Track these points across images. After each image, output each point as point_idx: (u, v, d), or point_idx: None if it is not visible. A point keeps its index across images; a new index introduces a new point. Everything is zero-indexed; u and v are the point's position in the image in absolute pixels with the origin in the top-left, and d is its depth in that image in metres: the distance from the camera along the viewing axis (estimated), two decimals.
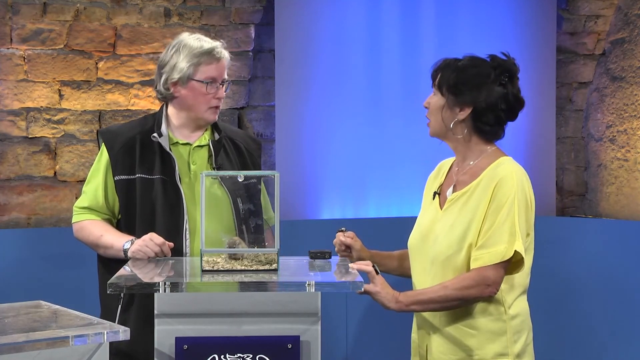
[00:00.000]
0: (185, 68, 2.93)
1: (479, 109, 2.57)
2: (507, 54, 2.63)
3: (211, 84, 2.94)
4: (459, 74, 2.58)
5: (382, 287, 2.51)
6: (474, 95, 2.56)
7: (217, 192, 2.92)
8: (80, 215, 2.98)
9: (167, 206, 2.88)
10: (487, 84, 2.56)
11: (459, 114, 2.58)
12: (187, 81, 2.94)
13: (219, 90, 2.96)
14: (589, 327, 4.45)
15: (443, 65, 2.62)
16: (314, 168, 4.52)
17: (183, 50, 2.95)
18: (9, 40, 4.16)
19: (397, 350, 3.32)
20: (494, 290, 2.49)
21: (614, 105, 4.74)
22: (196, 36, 3.01)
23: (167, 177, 2.90)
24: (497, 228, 2.48)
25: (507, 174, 2.52)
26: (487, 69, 2.58)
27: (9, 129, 4.19)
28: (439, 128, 2.63)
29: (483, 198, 2.52)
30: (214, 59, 2.95)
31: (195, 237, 2.88)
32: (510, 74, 2.59)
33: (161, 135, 2.94)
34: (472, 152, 2.62)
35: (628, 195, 4.66)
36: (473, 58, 2.62)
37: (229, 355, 2.37)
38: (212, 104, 2.96)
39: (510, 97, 2.57)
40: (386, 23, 4.60)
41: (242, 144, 3.08)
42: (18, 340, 2.05)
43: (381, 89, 4.59)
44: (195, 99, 2.95)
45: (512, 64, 2.60)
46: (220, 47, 2.98)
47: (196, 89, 2.94)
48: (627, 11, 4.72)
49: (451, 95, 2.59)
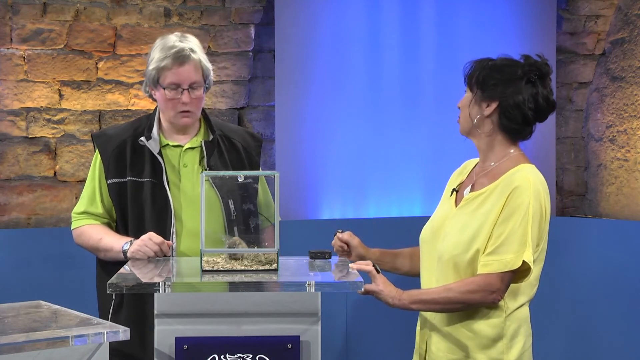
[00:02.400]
0: (153, 73, 2.90)
1: (505, 105, 2.55)
2: (542, 55, 2.61)
3: (173, 89, 2.88)
4: (489, 70, 2.57)
5: (384, 286, 2.51)
6: (500, 90, 2.55)
7: (208, 193, 2.90)
8: (79, 220, 2.98)
9: (155, 209, 2.88)
10: (514, 80, 2.55)
11: (485, 109, 2.57)
12: (156, 86, 2.92)
13: (184, 95, 2.88)
14: (588, 327, 4.45)
15: (475, 62, 2.62)
16: (314, 168, 4.52)
17: (154, 53, 2.92)
18: (9, 40, 4.16)
19: (397, 350, 3.33)
20: (497, 297, 2.49)
21: (614, 105, 4.74)
22: (173, 38, 2.93)
23: (156, 180, 2.90)
24: (508, 236, 2.47)
25: (524, 182, 2.50)
26: (516, 66, 2.57)
27: (9, 129, 4.19)
28: (466, 124, 2.62)
29: (497, 203, 2.51)
30: (176, 63, 2.86)
31: (181, 238, 2.88)
32: (541, 73, 2.57)
33: (150, 139, 2.92)
34: (495, 152, 2.60)
35: (628, 195, 4.66)
36: (505, 57, 2.62)
37: (229, 355, 2.37)
38: (179, 109, 2.90)
39: (540, 97, 2.55)
40: (386, 23, 4.59)
41: (240, 143, 3.05)
42: (18, 340, 2.05)
43: (381, 89, 4.59)
44: (164, 104, 2.93)
45: (544, 64, 2.58)
46: (187, 50, 2.88)
47: (162, 94, 2.91)
48: (627, 11, 4.72)
49: (479, 90, 2.58)
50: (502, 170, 2.57)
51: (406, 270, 2.82)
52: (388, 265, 2.79)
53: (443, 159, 2.89)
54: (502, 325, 2.54)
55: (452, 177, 2.78)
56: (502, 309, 2.54)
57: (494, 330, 2.53)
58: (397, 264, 2.82)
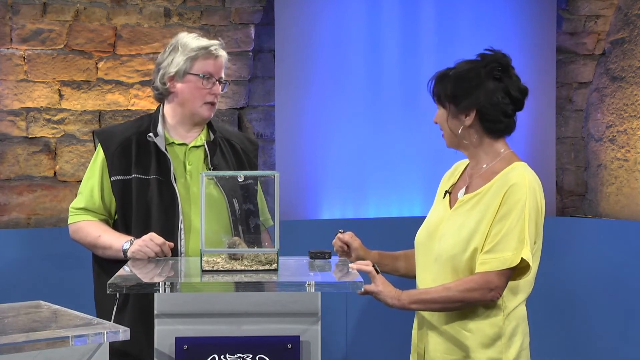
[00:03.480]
0: (182, 62, 2.94)
1: (483, 110, 2.56)
2: (492, 47, 2.61)
3: (207, 78, 2.95)
4: (452, 83, 2.58)
5: (383, 286, 2.51)
6: (473, 98, 2.56)
7: (213, 192, 2.91)
8: (77, 216, 2.97)
9: (162, 206, 2.88)
10: (481, 83, 2.56)
11: (465, 120, 2.58)
12: (184, 75, 2.95)
13: (215, 86, 2.96)
14: (588, 327, 4.45)
15: (437, 78, 2.62)
16: (314, 168, 4.52)
17: (181, 46, 2.97)
18: (9, 40, 4.16)
19: (396, 350, 3.32)
20: (496, 295, 2.49)
21: (614, 105, 4.74)
22: (194, 35, 3.02)
23: (162, 178, 2.90)
24: (506, 234, 2.48)
25: (519, 179, 2.51)
26: (477, 69, 2.57)
27: (9, 129, 4.19)
28: (451, 139, 2.63)
29: (493, 202, 2.52)
30: (211, 55, 2.96)
31: (190, 237, 2.88)
32: (502, 66, 2.57)
33: (157, 135, 2.93)
34: (486, 154, 2.61)
35: (628, 195, 4.66)
36: (463, 62, 2.62)
37: (229, 355, 2.37)
38: (207, 99, 2.96)
39: (511, 89, 2.56)
40: (386, 23, 4.60)
41: (239, 145, 3.07)
42: (18, 340, 2.05)
43: (381, 89, 4.59)
44: (191, 93, 2.95)
45: (502, 56, 2.59)
46: (218, 45, 2.99)
47: (192, 82, 2.95)
48: (627, 11, 4.72)
49: (452, 105, 2.58)
50: (495, 170, 2.58)
51: (404, 272, 2.82)
52: (388, 267, 2.80)
53: (443, 159, 2.87)
54: (501, 324, 2.54)
55: (443, 180, 2.79)
56: (500, 307, 2.54)
57: (493, 329, 2.54)
58: (397, 266, 2.83)
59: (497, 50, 2.61)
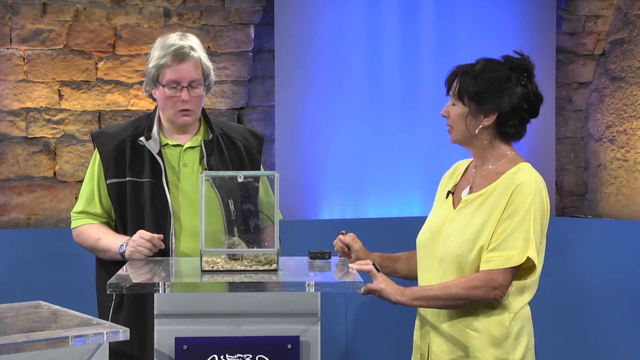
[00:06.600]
0: (153, 71, 2.90)
1: (504, 114, 2.55)
2: (521, 52, 2.61)
3: (172, 87, 2.88)
4: (479, 82, 2.56)
5: (385, 284, 2.51)
6: (498, 101, 2.55)
7: (208, 193, 2.90)
8: (78, 220, 2.98)
9: (155, 209, 2.87)
10: (509, 88, 2.55)
11: (484, 121, 2.57)
12: (156, 84, 2.92)
13: (183, 93, 2.87)
14: (588, 327, 4.45)
15: (459, 72, 2.60)
16: (314, 168, 4.52)
17: (154, 52, 2.92)
18: (9, 40, 4.16)
19: (397, 350, 3.33)
20: (499, 293, 2.49)
21: (614, 105, 4.74)
22: (173, 36, 2.93)
23: (155, 180, 2.89)
24: (511, 233, 2.47)
25: (526, 180, 2.51)
26: (505, 73, 2.56)
27: (9, 129, 4.19)
28: (463, 136, 2.61)
29: (499, 202, 2.51)
30: (176, 60, 2.86)
31: (180, 238, 2.88)
32: (528, 72, 2.57)
33: (149, 138, 2.92)
34: (494, 156, 2.61)
35: (628, 196, 4.66)
36: (488, 62, 2.60)
37: (229, 356, 2.37)
38: (178, 107, 2.89)
39: (531, 95, 2.56)
40: (386, 23, 4.59)
41: (241, 141, 3.04)
42: (18, 341, 2.06)
43: (381, 89, 4.59)
44: (164, 102, 2.92)
45: (528, 62, 2.59)
46: (186, 47, 2.87)
47: (161, 92, 2.90)
48: (627, 11, 4.72)
49: (474, 104, 2.56)
50: (501, 170, 2.58)
51: (404, 274, 2.82)
52: (388, 269, 2.79)
53: (443, 159, 2.88)
54: (508, 324, 2.53)
55: (443, 180, 2.78)
56: (507, 307, 2.54)
57: (500, 329, 2.53)
58: (397, 268, 2.82)
59: (525, 55, 2.60)
